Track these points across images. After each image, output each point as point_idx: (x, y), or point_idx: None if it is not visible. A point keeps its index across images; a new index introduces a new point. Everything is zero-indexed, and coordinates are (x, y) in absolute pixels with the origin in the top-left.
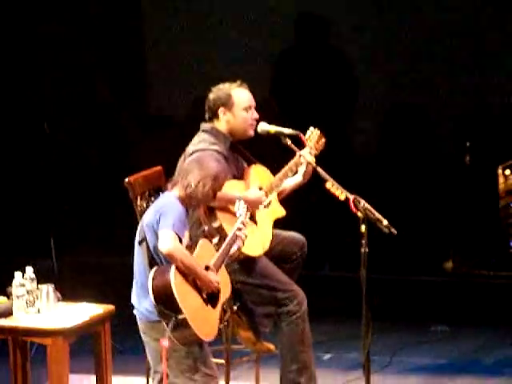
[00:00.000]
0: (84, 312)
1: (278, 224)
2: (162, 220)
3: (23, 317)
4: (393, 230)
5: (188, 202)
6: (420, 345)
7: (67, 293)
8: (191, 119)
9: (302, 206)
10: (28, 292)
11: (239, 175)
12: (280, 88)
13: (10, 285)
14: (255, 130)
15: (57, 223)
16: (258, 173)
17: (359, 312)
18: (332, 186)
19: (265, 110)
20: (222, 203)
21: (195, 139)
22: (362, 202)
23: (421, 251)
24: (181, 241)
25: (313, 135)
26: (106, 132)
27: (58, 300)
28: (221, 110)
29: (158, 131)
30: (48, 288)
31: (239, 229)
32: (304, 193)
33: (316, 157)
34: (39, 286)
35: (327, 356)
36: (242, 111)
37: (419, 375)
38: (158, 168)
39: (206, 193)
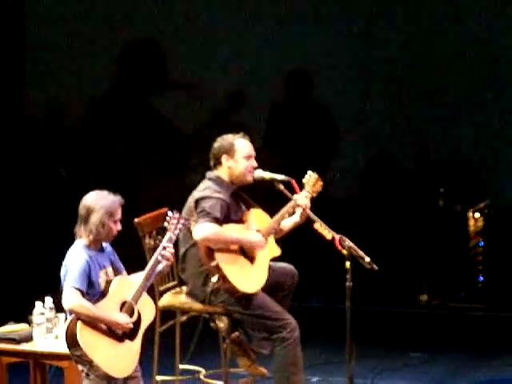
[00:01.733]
0: None
1: (272, 260)
2: (66, 277)
3: (42, 342)
4: (374, 266)
5: (96, 243)
6: (398, 369)
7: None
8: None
9: (293, 244)
10: (47, 320)
11: (239, 220)
12: (272, 138)
13: (31, 313)
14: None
15: None
16: (257, 216)
17: (344, 340)
18: (320, 226)
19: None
20: (222, 244)
21: (200, 186)
22: (347, 241)
23: (399, 285)
24: (85, 292)
25: (311, 178)
26: (119, 177)
27: None
28: (224, 157)
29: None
30: (65, 316)
31: (164, 247)
32: (295, 232)
33: (313, 199)
34: (57, 314)
35: (315, 379)
36: (243, 159)
37: None
38: (165, 209)
39: (107, 230)
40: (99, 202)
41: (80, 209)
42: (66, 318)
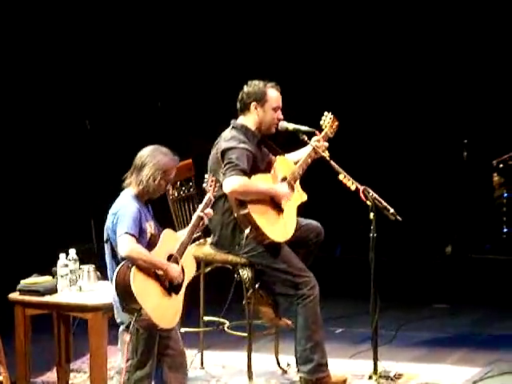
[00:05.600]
0: None
1: (298, 209)
2: (118, 225)
3: (66, 294)
4: (398, 217)
5: (143, 195)
6: (423, 321)
7: (106, 272)
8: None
9: (318, 196)
10: (71, 271)
11: (266, 168)
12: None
13: (55, 265)
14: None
15: (97, 211)
16: (282, 163)
17: (368, 291)
18: (344, 177)
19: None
20: (251, 196)
21: (226, 135)
22: (371, 192)
23: (424, 237)
24: (137, 239)
25: (327, 119)
26: (144, 129)
27: (98, 279)
28: (253, 105)
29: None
30: (89, 268)
31: (206, 205)
32: (319, 183)
33: (330, 139)
34: (81, 266)
35: (339, 330)
36: (272, 110)
37: (422, 348)
38: (188, 161)
39: (157, 185)
40: (156, 156)
41: (136, 158)
42: (90, 271)
